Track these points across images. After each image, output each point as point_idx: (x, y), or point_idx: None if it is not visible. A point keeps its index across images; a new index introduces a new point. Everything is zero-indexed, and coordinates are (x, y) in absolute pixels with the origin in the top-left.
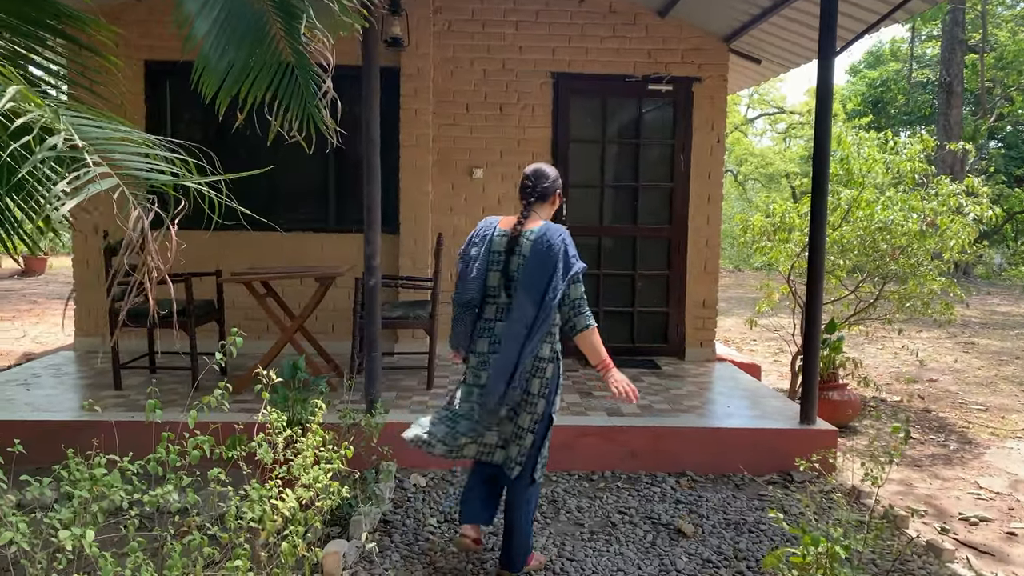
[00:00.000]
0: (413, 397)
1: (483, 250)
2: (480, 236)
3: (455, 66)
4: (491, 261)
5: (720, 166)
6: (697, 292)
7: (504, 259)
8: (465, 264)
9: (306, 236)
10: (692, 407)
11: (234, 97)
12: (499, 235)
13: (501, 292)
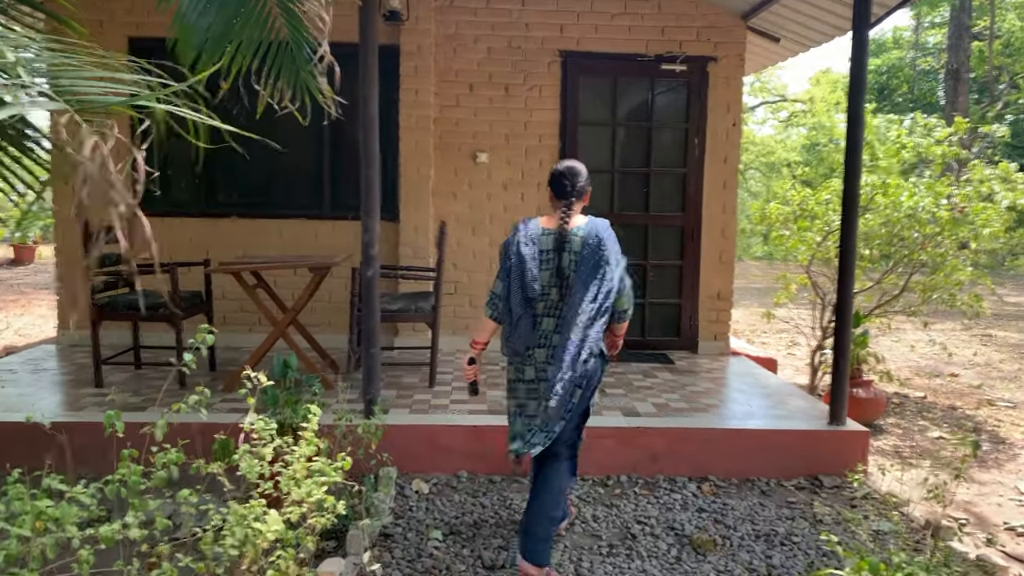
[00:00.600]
0: (415, 395)
1: (536, 249)
2: (528, 236)
3: (458, 44)
4: (541, 260)
5: (736, 151)
6: (711, 283)
7: (555, 256)
8: (521, 261)
9: (300, 223)
10: (710, 406)
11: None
12: (545, 234)
13: (551, 290)
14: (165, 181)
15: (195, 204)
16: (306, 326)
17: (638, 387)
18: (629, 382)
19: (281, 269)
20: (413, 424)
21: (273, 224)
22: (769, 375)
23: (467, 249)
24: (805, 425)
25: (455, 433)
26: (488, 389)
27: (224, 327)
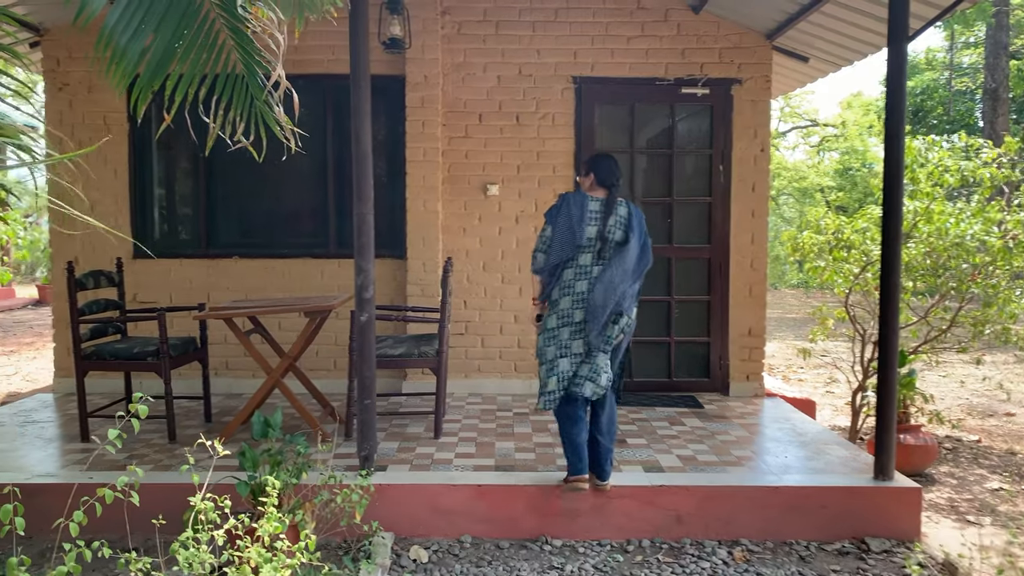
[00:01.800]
0: (417, 448)
1: (586, 208)
2: (577, 199)
3: (466, 73)
4: (588, 218)
5: (765, 177)
6: (742, 319)
7: (601, 219)
8: (569, 216)
9: (305, 263)
10: (743, 458)
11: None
12: (593, 200)
13: (597, 242)
14: (164, 220)
15: (195, 244)
16: (309, 370)
17: (662, 436)
18: (653, 430)
19: (277, 313)
20: (413, 484)
21: (277, 264)
22: (807, 420)
23: (478, 286)
24: (848, 480)
25: (458, 493)
26: (497, 440)
27: (226, 372)
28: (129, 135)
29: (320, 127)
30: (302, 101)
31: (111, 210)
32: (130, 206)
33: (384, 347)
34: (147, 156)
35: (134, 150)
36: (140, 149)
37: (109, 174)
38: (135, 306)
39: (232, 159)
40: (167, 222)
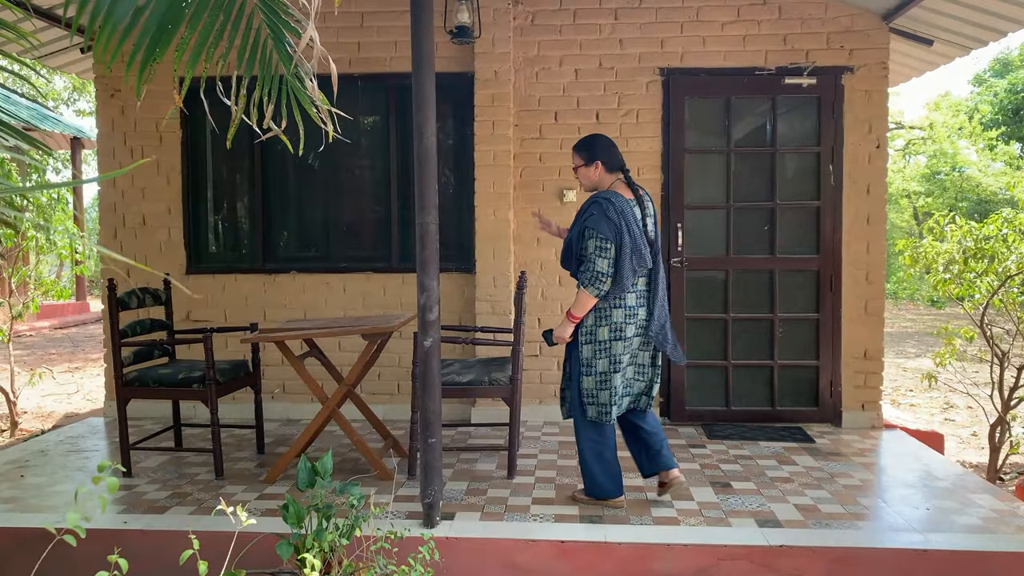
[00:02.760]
0: (489, 491)
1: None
2: (626, 210)
3: (541, 67)
4: (640, 225)
5: (882, 177)
6: (856, 339)
7: (642, 222)
8: (633, 237)
9: (366, 277)
10: (873, 509)
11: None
12: (630, 204)
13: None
14: (219, 233)
15: (252, 258)
16: (372, 394)
17: (773, 479)
18: (760, 470)
19: (332, 336)
20: (484, 537)
21: (336, 279)
22: (940, 459)
23: (553, 302)
24: (1012, 544)
25: (537, 551)
26: (579, 481)
27: (283, 397)
28: (182, 142)
29: (382, 131)
30: (362, 103)
31: (164, 221)
32: (183, 217)
33: (451, 373)
34: (201, 164)
35: (187, 157)
36: (194, 157)
37: (161, 182)
38: (188, 325)
39: (290, 167)
40: (222, 234)
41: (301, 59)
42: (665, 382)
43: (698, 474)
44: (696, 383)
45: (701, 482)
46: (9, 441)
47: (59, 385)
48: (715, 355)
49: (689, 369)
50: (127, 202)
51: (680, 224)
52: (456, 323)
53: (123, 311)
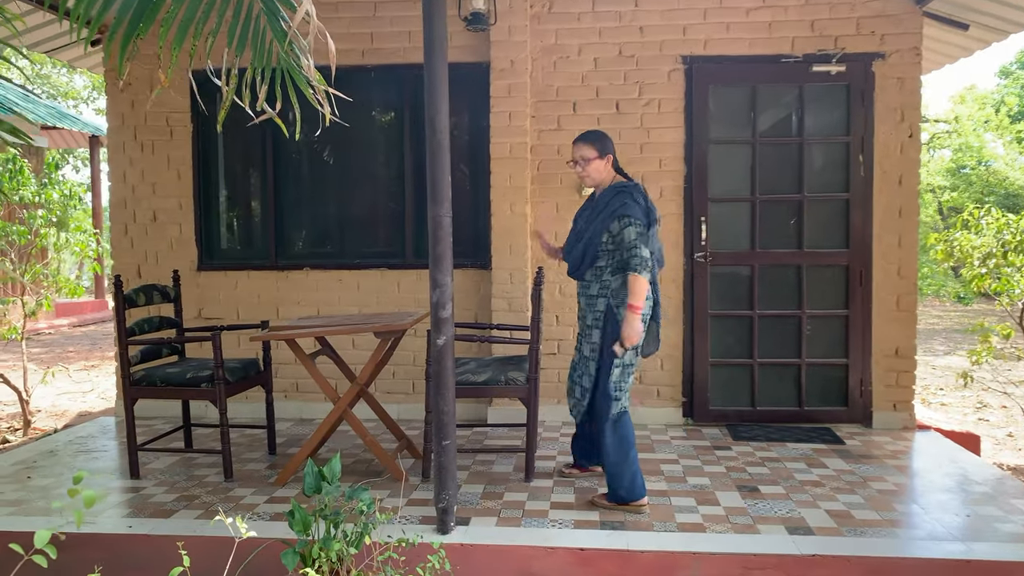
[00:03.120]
0: (506, 494)
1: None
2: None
3: (558, 56)
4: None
5: (915, 168)
6: (887, 337)
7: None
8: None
9: (380, 274)
10: (910, 516)
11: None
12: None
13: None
14: (230, 228)
15: (264, 254)
16: (386, 393)
17: (802, 482)
18: (789, 473)
19: (343, 333)
20: (501, 545)
21: (349, 276)
22: (976, 461)
23: (571, 299)
24: None
25: (556, 559)
26: (600, 484)
27: (297, 395)
28: (193, 136)
29: (396, 123)
30: (375, 95)
31: (175, 217)
32: (195, 213)
33: (465, 372)
34: (212, 158)
35: (198, 152)
36: (205, 151)
37: (172, 177)
38: (199, 323)
39: (303, 161)
40: (234, 230)
41: (296, 35)
42: (688, 381)
43: (724, 477)
44: (720, 382)
45: (727, 486)
46: (20, 441)
47: (75, 383)
48: (740, 353)
49: (713, 368)
50: (137, 197)
51: (704, 217)
52: (471, 320)
53: (131, 309)
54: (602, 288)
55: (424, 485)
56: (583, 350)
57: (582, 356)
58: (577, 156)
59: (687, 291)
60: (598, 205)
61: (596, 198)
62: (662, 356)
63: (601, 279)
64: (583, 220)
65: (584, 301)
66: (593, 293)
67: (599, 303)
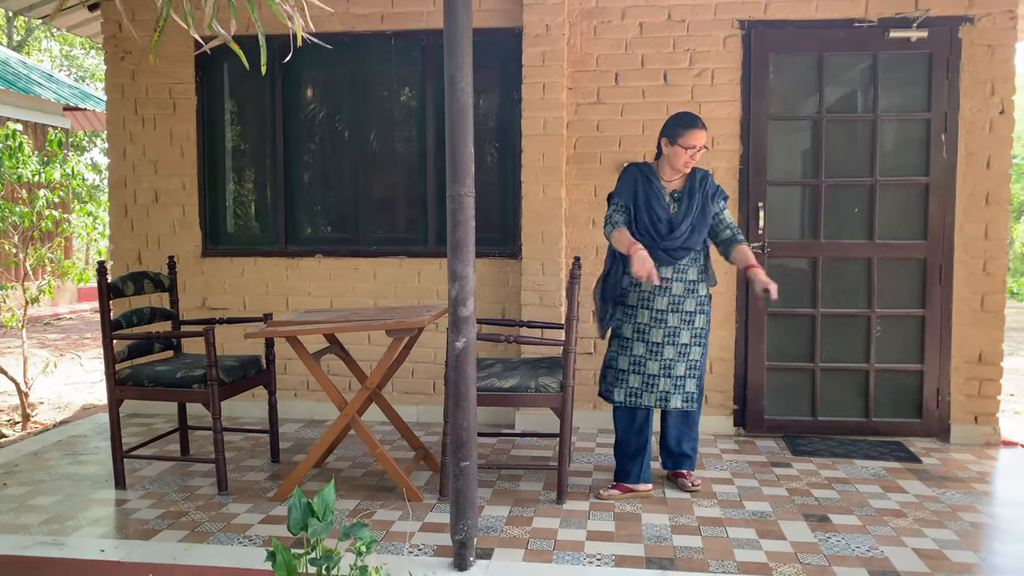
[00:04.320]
0: (535, 520)
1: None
2: None
3: (599, 20)
4: None
5: (1007, 148)
6: (970, 340)
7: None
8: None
9: (399, 262)
10: (1016, 558)
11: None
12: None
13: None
14: (237, 211)
15: (273, 240)
16: (405, 393)
17: (879, 511)
18: (862, 499)
19: (351, 330)
20: None
21: (366, 264)
22: None
23: None
24: None
25: None
26: (643, 509)
27: (307, 394)
28: (197, 109)
29: (418, 96)
30: (395, 64)
31: (178, 198)
32: (199, 193)
33: (491, 376)
34: (218, 134)
35: (203, 127)
36: (210, 126)
37: (175, 154)
38: (203, 313)
39: (315, 137)
40: (241, 212)
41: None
42: (741, 387)
43: (786, 503)
44: (777, 388)
45: (792, 514)
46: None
47: (86, 372)
48: (800, 356)
49: (769, 373)
50: (138, 176)
51: (762, 203)
52: (499, 316)
53: (119, 297)
54: (700, 272)
55: (441, 504)
56: (680, 338)
57: (678, 344)
58: (701, 145)
59: (741, 286)
60: (697, 187)
61: (689, 181)
62: (712, 359)
63: (698, 263)
64: (684, 203)
65: (682, 287)
66: (693, 278)
67: (700, 287)
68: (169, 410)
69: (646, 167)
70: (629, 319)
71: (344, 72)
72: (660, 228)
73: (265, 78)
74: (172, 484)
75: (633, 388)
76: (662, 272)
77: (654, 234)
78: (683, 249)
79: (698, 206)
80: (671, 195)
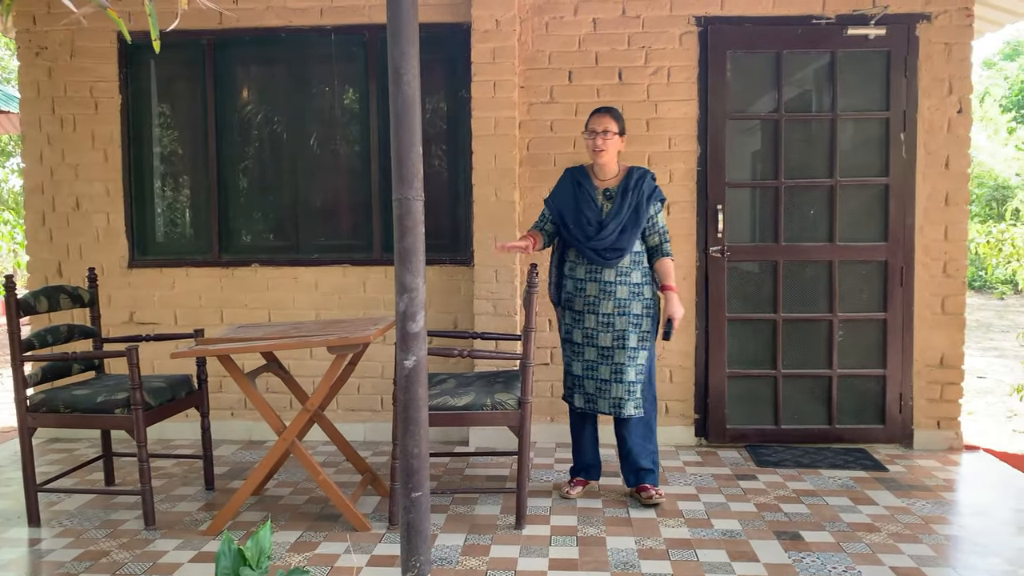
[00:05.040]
0: (492, 548)
1: None
2: None
3: (551, 16)
4: None
5: (965, 148)
6: (931, 344)
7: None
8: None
9: (342, 271)
10: (993, 571)
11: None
12: None
13: None
14: (167, 218)
15: (205, 248)
16: (351, 411)
17: (851, 525)
18: (833, 513)
19: (289, 348)
20: None
21: (306, 273)
22: None
23: None
24: None
25: None
26: (608, 532)
27: (244, 413)
28: (122, 109)
29: (361, 94)
30: (336, 61)
31: (102, 205)
32: (124, 200)
33: (443, 393)
34: (145, 135)
35: (128, 128)
36: (136, 127)
37: (98, 158)
38: (131, 329)
39: (250, 138)
40: (171, 221)
41: None
42: (702, 395)
43: (756, 519)
44: (739, 396)
45: (763, 532)
46: None
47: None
48: (762, 363)
49: (731, 380)
50: (57, 181)
51: (720, 206)
52: (451, 327)
53: (32, 315)
54: (643, 275)
55: (391, 534)
56: (628, 342)
57: (627, 348)
58: (601, 127)
59: (700, 291)
60: (631, 187)
61: (625, 180)
62: (672, 367)
63: (641, 265)
64: (616, 203)
65: (626, 291)
66: (637, 281)
67: (645, 290)
68: (93, 434)
69: (578, 170)
70: (578, 324)
71: (282, 69)
72: (588, 230)
73: (196, 76)
74: (93, 519)
75: (589, 394)
76: (604, 275)
77: (581, 236)
78: (613, 250)
79: (630, 206)
80: (604, 194)
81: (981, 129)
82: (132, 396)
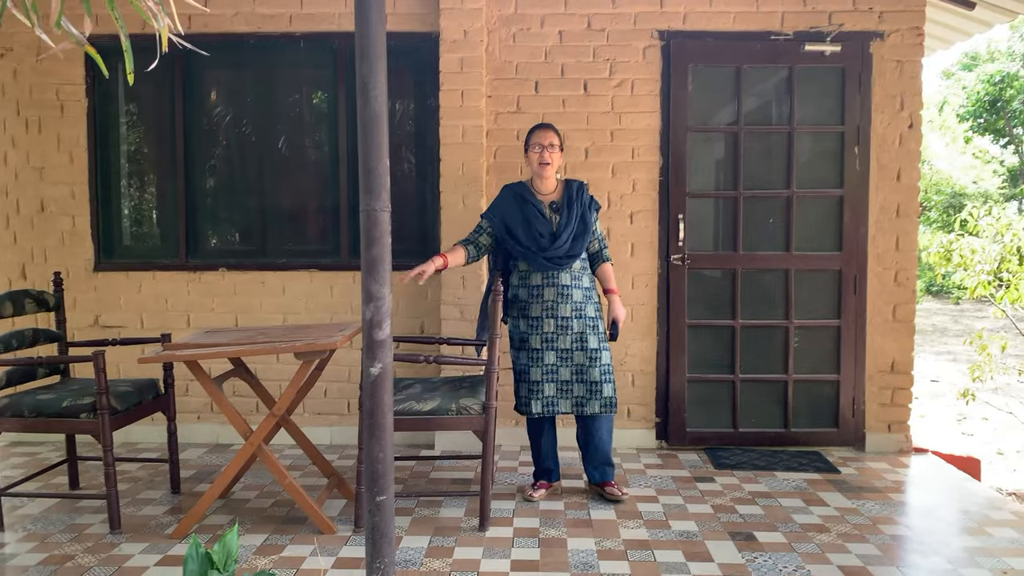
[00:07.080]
0: (456, 550)
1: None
2: None
3: (519, 28)
4: None
5: (915, 162)
6: (883, 350)
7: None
8: None
9: (310, 275)
10: (937, 572)
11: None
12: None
13: None
14: (133, 221)
15: (172, 253)
16: (317, 414)
17: (803, 526)
18: (786, 515)
19: (255, 354)
20: None
21: (273, 278)
22: (992, 496)
23: None
24: None
25: None
26: (569, 534)
27: (211, 417)
28: (88, 112)
29: (329, 101)
30: (305, 69)
31: (67, 208)
32: (90, 203)
33: (409, 399)
34: (112, 139)
35: (95, 131)
36: (103, 130)
37: (63, 160)
38: (96, 333)
39: (218, 143)
40: (138, 224)
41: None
42: (662, 399)
43: (712, 520)
44: (699, 400)
45: (718, 533)
46: None
47: None
48: (720, 368)
49: (691, 384)
50: (21, 184)
51: (681, 215)
52: (417, 332)
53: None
54: (591, 279)
55: (356, 536)
56: (587, 343)
57: (587, 350)
58: (547, 141)
59: (662, 298)
60: (574, 197)
61: (567, 192)
62: (634, 372)
63: (588, 271)
64: (564, 215)
65: (580, 294)
66: (587, 285)
67: (594, 295)
68: (57, 438)
69: (519, 186)
70: (535, 330)
71: (250, 75)
72: (542, 242)
73: (164, 80)
74: (58, 523)
75: (549, 397)
76: (560, 279)
77: (535, 248)
78: (568, 257)
79: (577, 216)
80: (550, 207)
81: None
82: (98, 400)
